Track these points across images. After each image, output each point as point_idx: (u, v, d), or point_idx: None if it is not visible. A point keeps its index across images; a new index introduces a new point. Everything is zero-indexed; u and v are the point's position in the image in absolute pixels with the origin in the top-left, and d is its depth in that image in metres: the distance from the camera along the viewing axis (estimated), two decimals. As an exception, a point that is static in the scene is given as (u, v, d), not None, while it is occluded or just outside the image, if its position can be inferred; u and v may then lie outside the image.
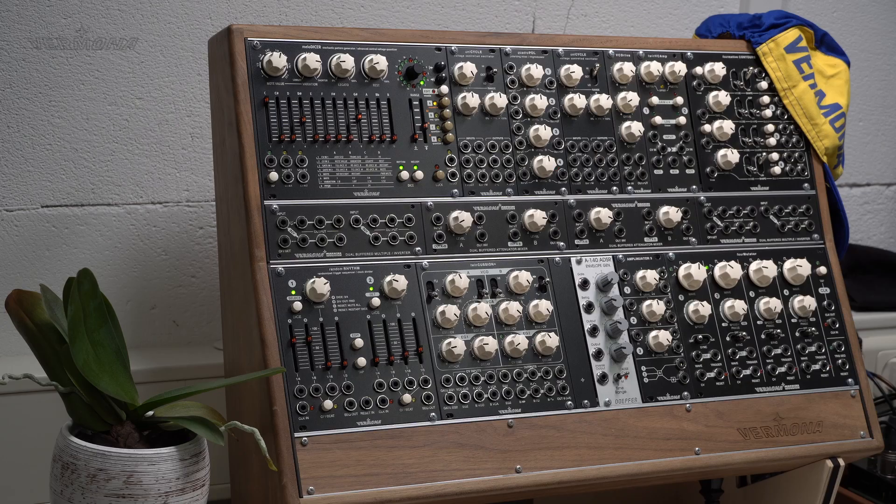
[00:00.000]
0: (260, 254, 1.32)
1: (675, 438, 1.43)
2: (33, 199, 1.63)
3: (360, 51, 1.40)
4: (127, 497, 1.20)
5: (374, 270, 1.36)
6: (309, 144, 1.36)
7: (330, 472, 1.27)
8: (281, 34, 1.37)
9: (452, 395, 1.35)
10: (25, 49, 1.60)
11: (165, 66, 1.67)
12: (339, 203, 1.36)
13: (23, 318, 1.26)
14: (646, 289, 1.46)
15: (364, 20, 1.76)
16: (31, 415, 1.51)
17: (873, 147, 2.18)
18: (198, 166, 1.69)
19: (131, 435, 1.26)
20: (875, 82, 2.17)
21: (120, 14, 1.64)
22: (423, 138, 1.41)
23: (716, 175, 1.54)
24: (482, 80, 1.45)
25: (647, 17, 1.96)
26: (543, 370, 1.39)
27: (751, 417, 1.47)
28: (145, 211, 1.68)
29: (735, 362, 1.49)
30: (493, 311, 1.39)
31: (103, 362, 1.24)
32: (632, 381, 1.43)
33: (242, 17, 1.69)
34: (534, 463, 1.35)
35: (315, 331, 1.31)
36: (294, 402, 1.28)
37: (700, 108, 1.55)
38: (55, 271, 1.63)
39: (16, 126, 1.61)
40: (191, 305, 1.71)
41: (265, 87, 1.35)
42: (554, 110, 1.47)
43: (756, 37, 1.59)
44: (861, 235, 2.17)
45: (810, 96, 1.59)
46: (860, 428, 1.52)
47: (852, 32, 2.12)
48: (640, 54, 1.53)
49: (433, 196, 1.40)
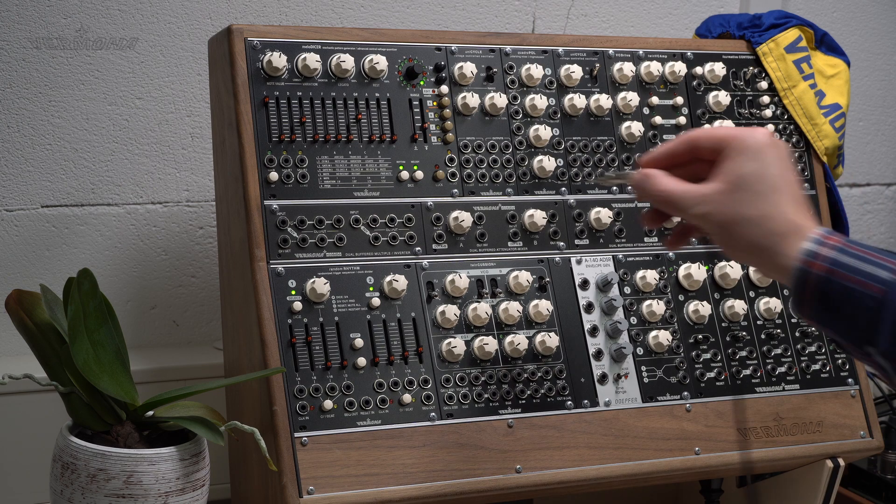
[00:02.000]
0: (260, 254, 1.32)
1: (675, 438, 1.43)
2: (33, 199, 1.63)
3: (360, 51, 1.40)
4: (127, 497, 1.20)
5: (374, 270, 1.36)
6: (309, 144, 1.36)
7: (330, 472, 1.28)
8: (281, 34, 1.37)
9: (452, 395, 1.35)
10: (25, 49, 1.60)
11: (165, 66, 1.67)
12: (339, 203, 1.36)
13: (23, 318, 1.26)
14: (646, 289, 1.46)
15: (364, 20, 1.76)
16: (31, 415, 1.51)
17: (873, 147, 2.18)
18: (198, 166, 1.69)
19: (131, 435, 1.26)
20: (875, 82, 2.17)
21: (120, 14, 1.64)
22: (423, 138, 1.41)
23: (716, 175, 1.54)
24: (482, 80, 1.45)
25: (647, 17, 1.96)
26: (543, 370, 1.39)
27: (751, 417, 1.47)
28: (145, 211, 1.68)
29: (735, 362, 1.49)
30: (493, 311, 1.39)
31: (103, 362, 1.24)
32: (632, 381, 1.43)
33: (242, 17, 1.69)
34: (534, 463, 1.35)
35: (315, 331, 1.32)
36: (294, 402, 1.28)
37: (700, 108, 1.55)
38: (55, 271, 1.63)
39: (16, 126, 1.61)
40: (191, 305, 1.71)
41: (265, 87, 1.35)
42: (554, 110, 1.47)
43: (756, 37, 1.59)
44: (861, 235, 2.17)
45: (810, 96, 1.59)
46: (860, 428, 1.52)
47: (852, 32, 2.12)
48: (640, 54, 1.53)
49: (433, 196, 1.40)
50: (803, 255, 1.09)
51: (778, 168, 1.14)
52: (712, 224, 1.16)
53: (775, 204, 1.13)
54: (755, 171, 1.14)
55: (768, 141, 1.15)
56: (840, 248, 1.08)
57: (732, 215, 1.14)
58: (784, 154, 1.16)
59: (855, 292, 1.07)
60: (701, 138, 1.19)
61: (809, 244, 1.09)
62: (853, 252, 1.08)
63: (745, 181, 1.14)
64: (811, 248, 1.09)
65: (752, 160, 1.14)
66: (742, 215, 1.13)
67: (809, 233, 1.10)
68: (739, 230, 1.14)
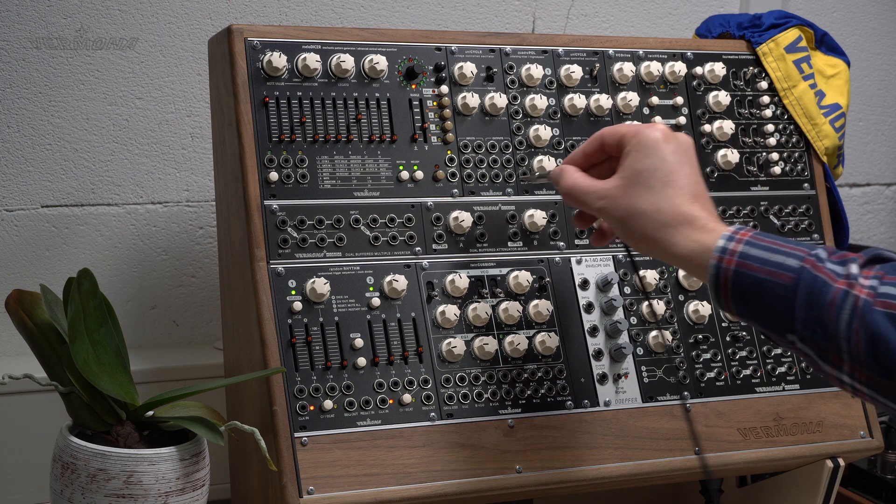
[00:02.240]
0: (260, 254, 1.32)
1: (675, 438, 1.43)
2: (33, 199, 1.63)
3: (360, 51, 1.40)
4: (127, 497, 1.20)
5: (374, 270, 1.36)
6: (309, 144, 1.36)
7: (330, 472, 1.28)
8: (281, 34, 1.37)
9: (452, 395, 1.35)
10: (25, 49, 1.60)
11: (165, 66, 1.67)
12: (339, 203, 1.36)
13: (23, 318, 1.26)
14: (647, 288, 1.46)
15: (364, 20, 1.77)
16: (31, 415, 1.51)
17: (873, 147, 2.18)
18: (198, 166, 1.69)
19: (131, 435, 1.26)
20: (875, 82, 2.17)
21: (120, 14, 1.64)
22: (423, 138, 1.41)
23: (716, 175, 1.54)
24: (482, 80, 1.45)
25: (647, 17, 1.96)
26: (543, 370, 1.39)
27: (751, 417, 1.47)
28: (145, 211, 1.68)
29: (735, 362, 1.49)
30: (493, 312, 1.39)
31: (103, 362, 1.24)
32: (632, 381, 1.43)
33: (242, 17, 1.69)
34: (534, 463, 1.35)
35: (315, 331, 1.32)
36: (294, 402, 1.28)
37: (700, 108, 1.55)
38: (55, 271, 1.63)
39: (16, 126, 1.61)
40: (191, 305, 1.71)
41: (265, 87, 1.35)
42: (554, 110, 1.47)
43: (756, 37, 1.59)
44: (861, 235, 2.17)
45: (810, 96, 1.59)
46: (860, 428, 1.52)
47: (852, 32, 2.13)
48: (640, 54, 1.53)
49: (433, 196, 1.40)
50: (717, 252, 1.13)
51: (671, 163, 1.20)
52: (611, 218, 1.22)
53: (667, 197, 1.18)
54: (648, 166, 1.20)
55: (662, 136, 1.21)
56: (749, 241, 1.13)
57: (627, 208, 1.20)
58: (680, 148, 1.21)
59: (767, 283, 1.10)
60: (606, 136, 1.26)
61: (722, 241, 1.14)
62: (762, 244, 1.12)
63: (640, 176, 1.20)
64: (723, 245, 1.14)
65: (647, 156, 1.20)
66: (636, 209, 1.19)
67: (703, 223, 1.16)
68: (633, 223, 1.19)
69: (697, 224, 1.16)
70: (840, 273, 1.07)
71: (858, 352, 1.05)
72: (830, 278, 1.07)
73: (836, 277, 1.07)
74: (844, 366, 1.07)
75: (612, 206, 1.22)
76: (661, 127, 1.22)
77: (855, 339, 1.05)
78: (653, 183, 1.19)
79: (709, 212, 1.18)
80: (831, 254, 1.10)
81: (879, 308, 1.04)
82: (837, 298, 1.06)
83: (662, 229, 1.17)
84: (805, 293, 1.08)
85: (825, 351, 1.07)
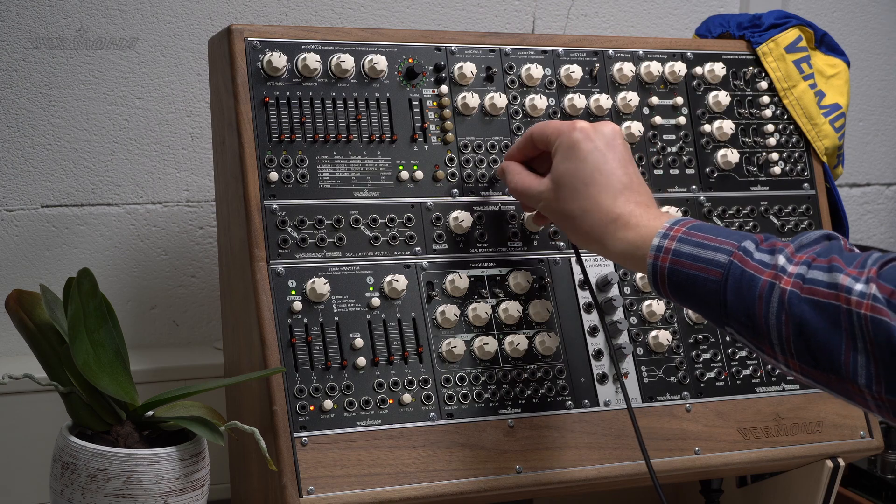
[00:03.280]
0: (260, 254, 1.32)
1: (674, 438, 1.43)
2: (33, 199, 1.63)
3: (360, 51, 1.40)
4: (127, 497, 1.20)
5: (374, 270, 1.36)
6: (309, 144, 1.36)
7: (330, 472, 1.28)
8: (281, 34, 1.37)
9: (452, 395, 1.35)
10: (25, 49, 1.60)
11: (165, 66, 1.67)
12: (339, 203, 1.36)
13: (23, 318, 1.26)
14: (646, 288, 1.46)
15: (364, 20, 1.77)
16: (31, 415, 1.51)
17: (873, 147, 2.18)
18: (198, 166, 1.69)
19: (131, 435, 1.26)
20: (875, 82, 2.17)
21: (120, 14, 1.64)
22: (422, 138, 1.41)
23: (716, 175, 1.54)
24: (482, 80, 1.45)
25: (647, 17, 1.96)
26: (543, 370, 1.39)
27: (751, 417, 1.47)
28: (145, 211, 1.68)
29: (735, 362, 1.49)
30: (493, 312, 1.39)
31: (103, 362, 1.24)
32: (631, 381, 1.43)
33: (242, 17, 1.69)
34: (534, 463, 1.35)
35: (315, 331, 1.32)
36: (294, 402, 1.28)
37: (700, 108, 1.55)
38: (55, 271, 1.63)
39: (16, 126, 1.61)
40: (191, 305, 1.71)
41: (265, 87, 1.35)
42: (554, 110, 1.47)
43: (756, 37, 1.59)
44: (861, 235, 2.17)
45: (810, 96, 1.59)
46: (860, 428, 1.52)
47: (852, 32, 2.13)
48: (640, 54, 1.53)
49: (433, 196, 1.40)
50: (652, 251, 1.14)
51: (592, 161, 1.20)
52: (552, 218, 1.24)
53: (591, 198, 1.19)
54: (570, 169, 1.21)
55: (583, 136, 1.22)
56: (681, 237, 1.14)
57: (560, 211, 1.22)
58: (602, 142, 1.22)
59: (699, 279, 1.11)
60: (535, 133, 1.28)
61: (657, 239, 1.15)
62: (694, 240, 1.12)
63: (563, 179, 1.22)
64: (657, 243, 1.14)
65: (567, 158, 1.22)
66: (567, 211, 1.21)
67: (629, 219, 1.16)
68: (570, 224, 1.21)
69: (623, 221, 1.16)
70: (768, 264, 1.06)
71: (789, 344, 1.04)
72: (757, 271, 1.06)
73: (763, 269, 1.06)
74: (779, 357, 1.06)
75: (547, 209, 1.24)
76: (582, 125, 1.22)
77: (785, 332, 1.04)
78: (577, 185, 1.20)
79: (637, 203, 1.18)
80: (762, 242, 1.09)
81: (805, 295, 1.03)
82: (765, 292, 1.05)
83: (594, 230, 1.19)
84: (733, 289, 1.08)
85: (760, 343, 1.07)
